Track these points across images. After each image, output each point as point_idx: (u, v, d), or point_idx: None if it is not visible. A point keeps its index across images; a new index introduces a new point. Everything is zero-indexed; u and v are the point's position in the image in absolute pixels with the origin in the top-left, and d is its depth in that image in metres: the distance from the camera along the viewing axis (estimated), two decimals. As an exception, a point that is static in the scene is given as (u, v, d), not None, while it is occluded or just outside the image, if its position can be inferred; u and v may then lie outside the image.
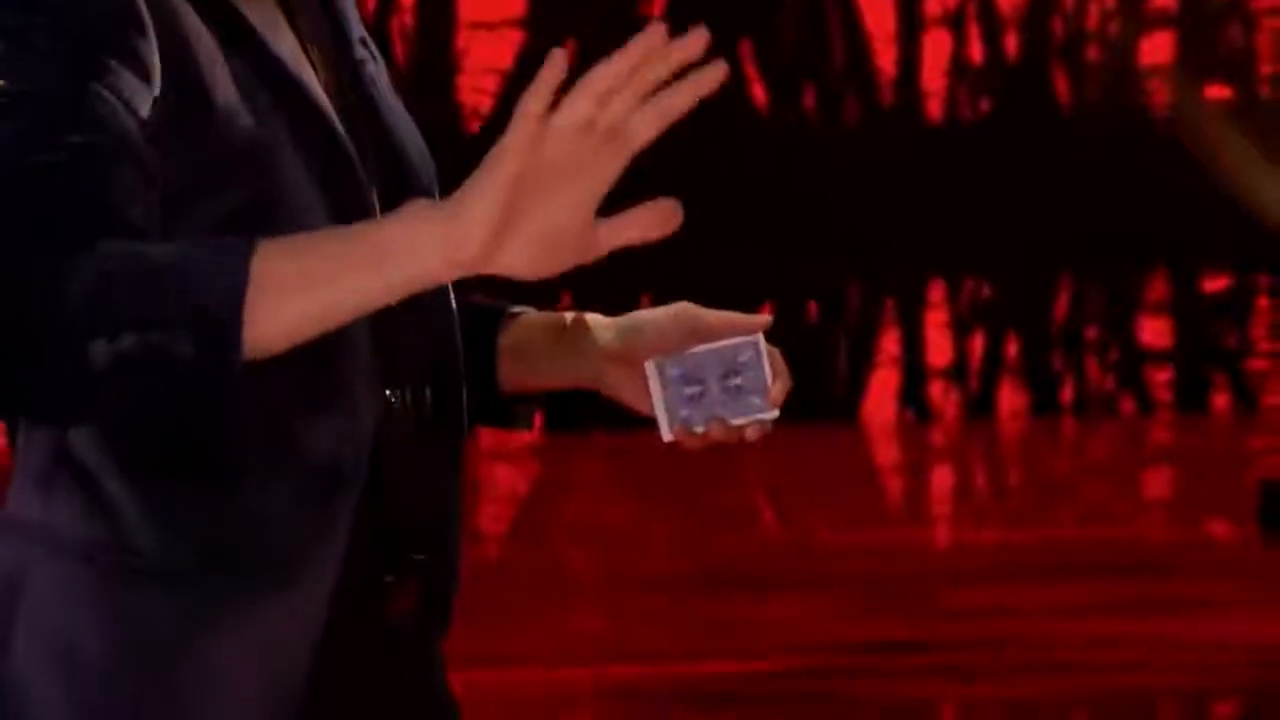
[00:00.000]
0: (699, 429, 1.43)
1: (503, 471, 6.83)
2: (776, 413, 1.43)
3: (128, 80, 1.28)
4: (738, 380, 1.43)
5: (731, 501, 6.16)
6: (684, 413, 1.43)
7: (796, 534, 5.80)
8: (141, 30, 1.29)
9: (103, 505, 1.34)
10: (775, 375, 1.44)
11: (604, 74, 1.26)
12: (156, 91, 1.29)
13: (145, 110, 1.28)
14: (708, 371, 1.43)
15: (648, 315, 1.47)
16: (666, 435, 1.43)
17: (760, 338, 1.43)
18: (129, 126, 1.27)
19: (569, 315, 1.53)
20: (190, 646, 1.34)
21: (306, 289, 1.21)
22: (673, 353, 1.45)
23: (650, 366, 1.44)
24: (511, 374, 1.52)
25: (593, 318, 1.51)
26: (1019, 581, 5.07)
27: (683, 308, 1.46)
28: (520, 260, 1.24)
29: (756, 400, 1.42)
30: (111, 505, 1.34)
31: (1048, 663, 4.40)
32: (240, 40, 1.34)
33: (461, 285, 1.54)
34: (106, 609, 1.34)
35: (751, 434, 1.44)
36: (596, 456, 6.88)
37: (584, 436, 7.00)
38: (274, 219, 1.31)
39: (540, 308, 1.55)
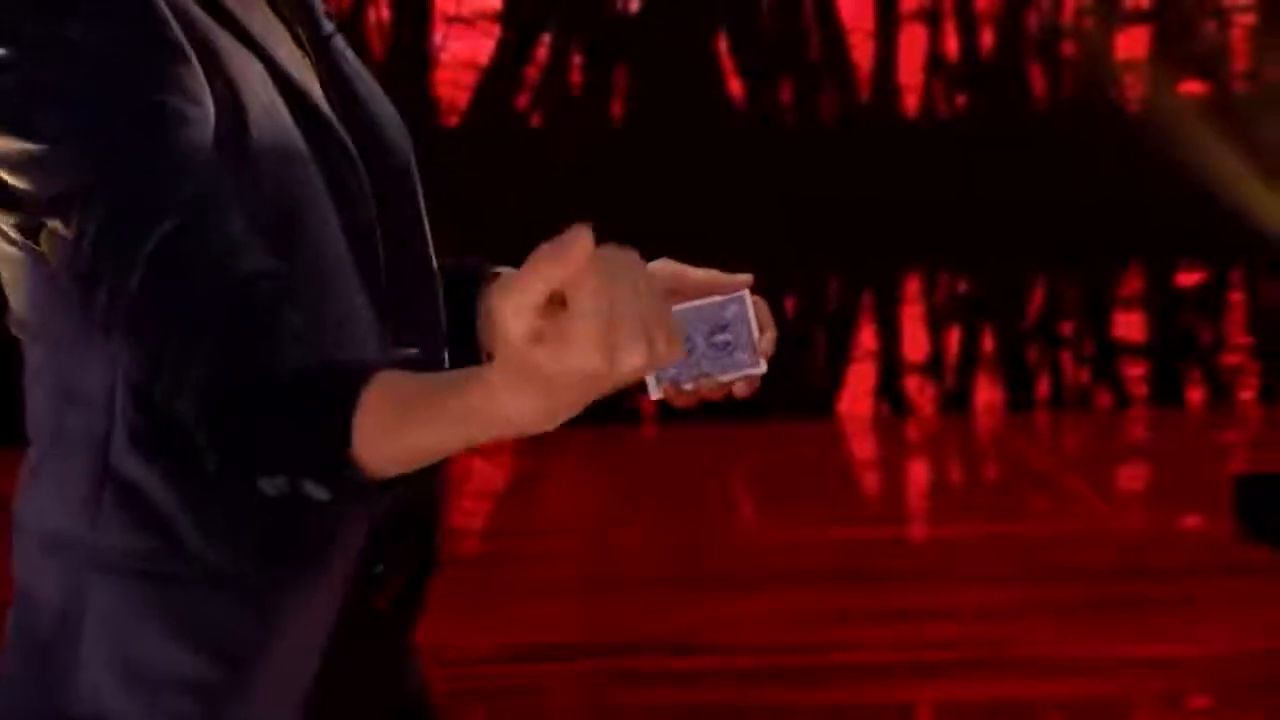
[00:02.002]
0: (687, 386, 1.42)
1: (480, 465, 6.83)
2: (765, 367, 1.42)
3: (191, 112, 1.27)
4: (725, 336, 1.41)
5: (709, 495, 6.16)
6: (671, 371, 1.41)
7: (774, 528, 5.81)
8: (186, 59, 1.29)
9: (154, 517, 1.33)
10: (762, 328, 1.43)
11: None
12: (212, 116, 1.29)
13: (210, 135, 1.28)
14: (695, 328, 1.41)
15: None
16: (654, 393, 1.42)
17: (746, 293, 1.42)
18: (208, 157, 1.26)
19: None
20: (258, 644, 1.34)
21: (417, 431, 1.20)
22: None
23: None
24: (492, 335, 1.51)
25: None
26: (993, 578, 5.08)
27: (663, 264, 1.44)
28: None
29: (744, 356, 1.41)
30: (162, 516, 1.33)
31: (1021, 659, 4.41)
32: (248, 46, 1.34)
33: (458, 237, 1.54)
34: (175, 619, 1.33)
35: (740, 389, 1.43)
36: (574, 450, 6.88)
37: (561, 430, 6.99)
38: (296, 229, 1.32)
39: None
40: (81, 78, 1.26)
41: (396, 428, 1.19)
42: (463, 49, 7.09)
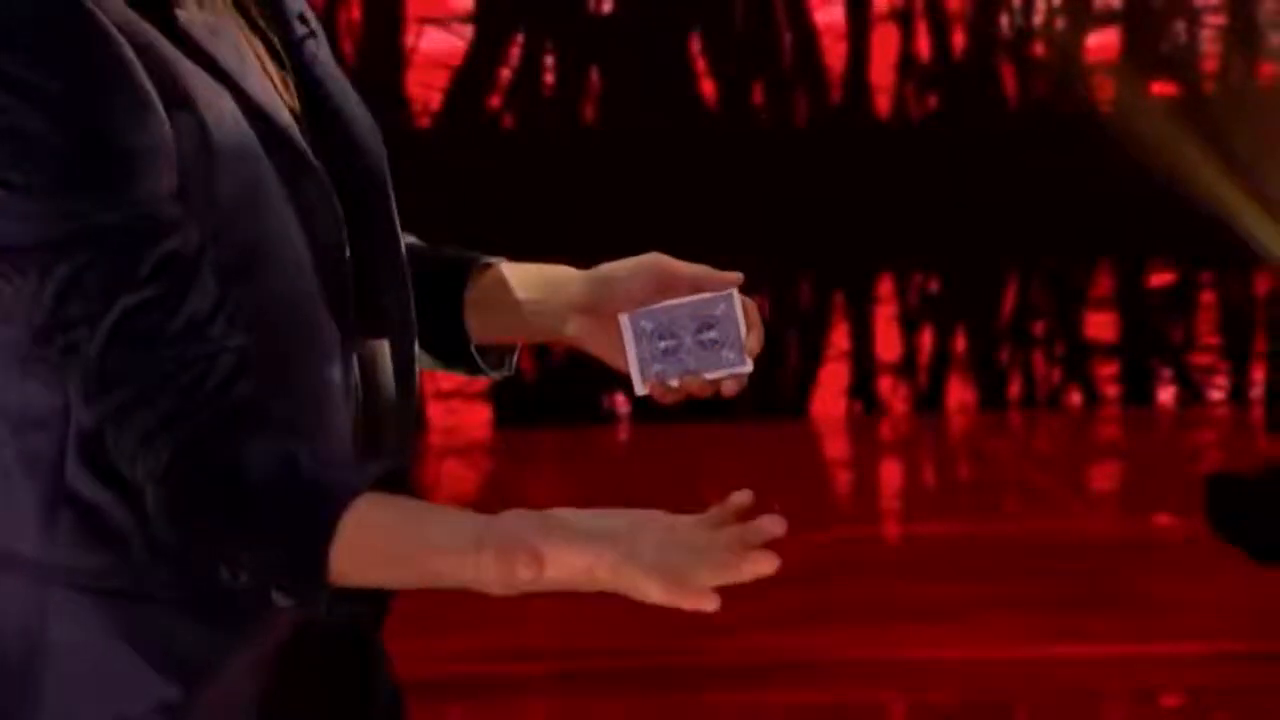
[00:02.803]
0: (673, 383, 1.42)
1: (452, 467, 6.82)
2: (751, 366, 1.42)
3: (157, 164, 1.28)
4: (712, 334, 1.41)
5: (681, 496, 6.16)
6: (657, 367, 1.41)
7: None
8: (149, 104, 1.29)
9: (109, 536, 1.34)
10: (750, 327, 1.42)
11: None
12: (174, 171, 1.30)
13: (174, 184, 1.29)
14: (682, 325, 1.41)
15: (618, 266, 1.46)
16: (640, 389, 1.42)
17: (735, 291, 1.42)
18: (174, 214, 1.27)
19: (540, 267, 1.52)
20: (213, 661, 1.35)
21: (388, 571, 1.27)
22: (643, 305, 1.43)
23: (624, 320, 1.42)
24: (482, 326, 1.51)
25: (564, 269, 1.50)
26: (964, 576, 5.09)
27: (654, 259, 1.45)
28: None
29: (731, 354, 1.41)
30: (116, 535, 1.34)
31: (991, 658, 4.42)
32: (217, 79, 1.34)
33: (430, 238, 1.55)
34: (130, 637, 1.33)
35: (728, 388, 1.43)
36: (546, 453, 6.87)
37: (534, 433, 7.00)
38: (264, 264, 1.32)
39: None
40: (46, 127, 1.26)
41: (369, 567, 1.25)
42: (435, 50, 7.09)
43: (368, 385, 1.40)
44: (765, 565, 1.25)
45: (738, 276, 1.44)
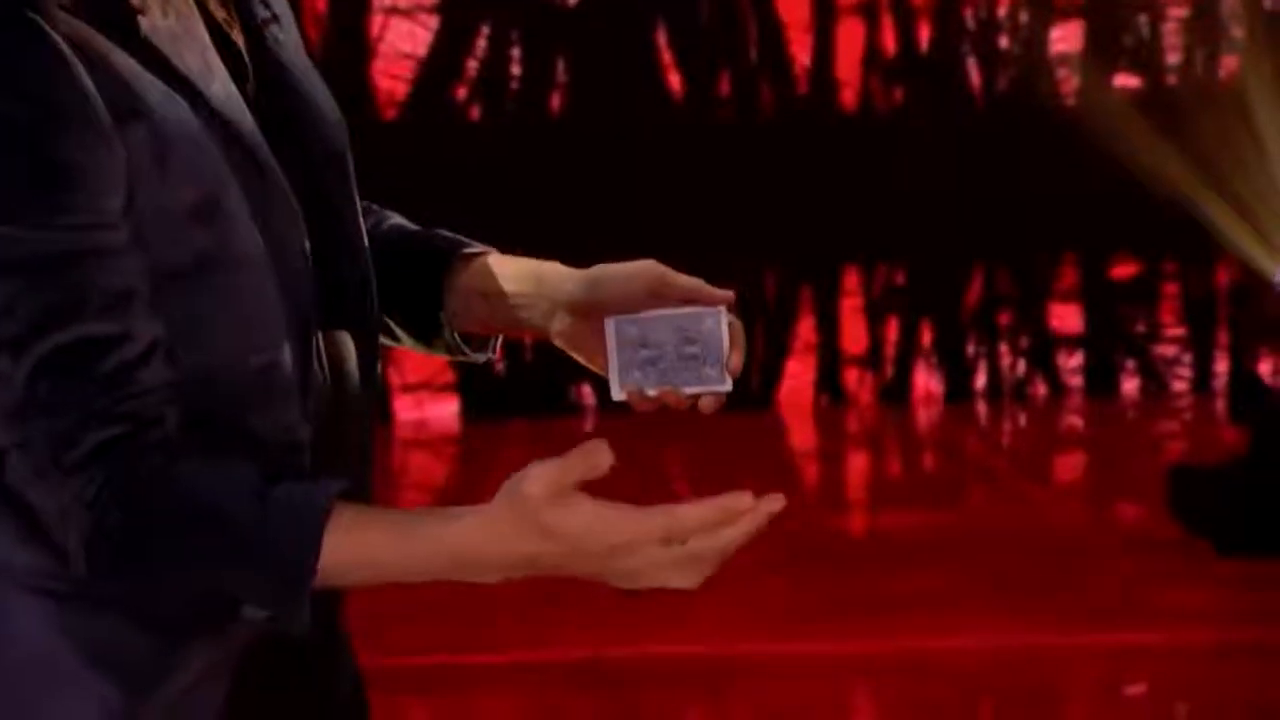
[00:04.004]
0: (650, 392, 1.41)
1: (421, 459, 6.82)
2: (730, 385, 1.42)
3: (97, 192, 1.27)
4: (695, 349, 1.41)
5: (650, 488, 6.17)
6: (636, 374, 1.41)
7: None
8: (92, 126, 1.28)
9: (50, 538, 1.33)
10: (733, 347, 1.43)
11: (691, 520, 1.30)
12: (123, 187, 1.29)
13: (119, 205, 1.29)
14: (666, 336, 1.41)
15: (614, 268, 1.46)
16: (616, 393, 1.42)
17: (723, 310, 1.42)
18: (114, 252, 1.27)
19: (531, 261, 1.52)
20: (161, 666, 1.34)
21: (373, 574, 1.29)
22: (634, 310, 1.43)
23: (610, 323, 1.42)
24: (464, 313, 1.51)
25: (556, 266, 1.50)
26: (929, 567, 5.11)
27: (651, 265, 1.45)
28: None
29: (712, 371, 1.41)
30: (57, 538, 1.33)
31: (958, 648, 4.44)
32: (177, 86, 1.33)
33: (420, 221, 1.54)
34: (76, 638, 1.33)
35: (706, 405, 1.44)
36: (516, 444, 6.87)
37: (503, 424, 7.00)
38: (219, 273, 1.33)
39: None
40: None
41: (344, 580, 1.28)
42: (400, 40, 7.07)
43: (335, 377, 1.40)
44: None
45: (729, 295, 1.44)
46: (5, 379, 1.27)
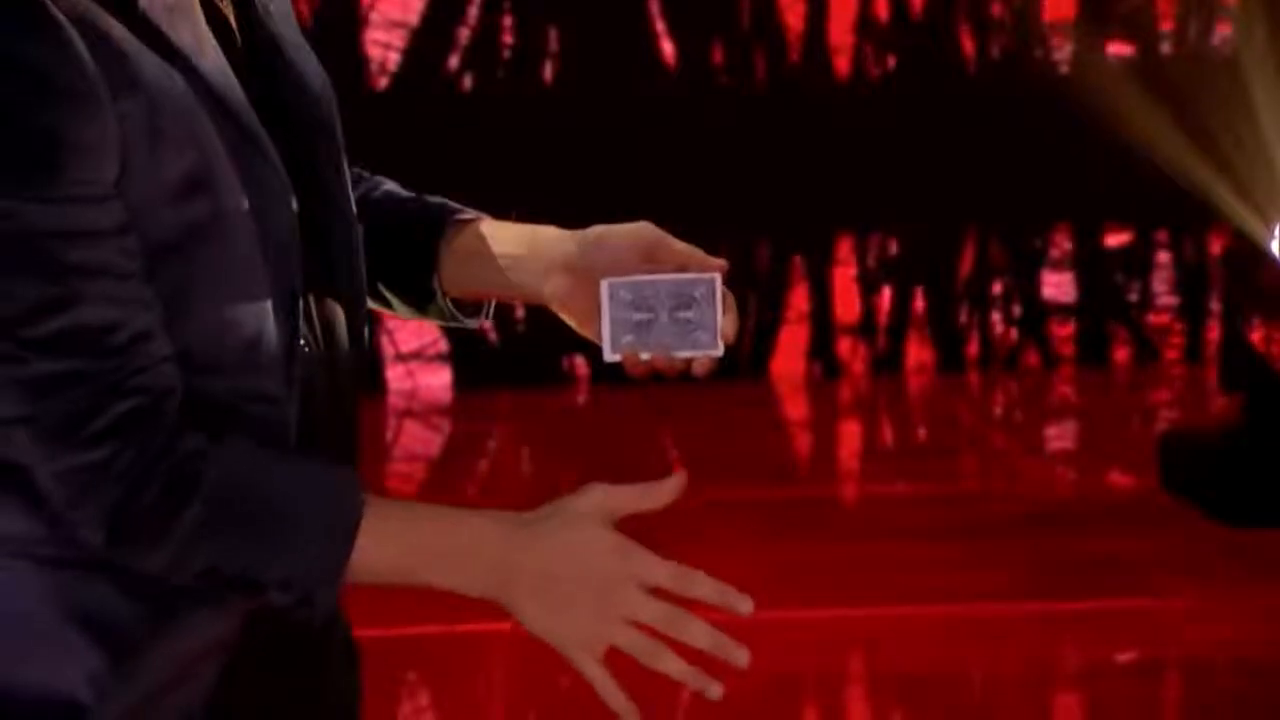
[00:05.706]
0: (644, 356, 1.42)
1: (411, 430, 6.82)
2: (722, 350, 1.43)
3: (92, 167, 1.28)
4: (689, 313, 1.42)
5: (641, 459, 6.18)
6: (629, 337, 1.42)
7: (707, 489, 5.84)
8: (91, 101, 1.29)
9: (41, 504, 1.33)
10: (725, 313, 1.44)
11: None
12: (117, 161, 1.30)
13: (114, 178, 1.30)
14: (660, 300, 1.42)
15: (609, 230, 1.46)
16: (609, 355, 1.43)
17: (718, 276, 1.43)
18: (107, 224, 1.29)
19: (526, 226, 1.53)
20: (146, 636, 1.34)
21: (392, 577, 1.38)
22: (627, 272, 1.44)
23: (604, 285, 1.43)
24: (457, 277, 1.51)
25: (551, 229, 1.51)
26: (922, 536, 5.12)
27: (647, 228, 1.45)
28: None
29: (704, 336, 1.42)
30: (48, 504, 1.33)
31: (953, 617, 4.45)
32: (171, 60, 1.34)
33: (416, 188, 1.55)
34: (64, 604, 1.33)
35: (698, 369, 1.45)
36: (506, 413, 6.88)
37: (495, 395, 7.00)
38: (210, 244, 1.34)
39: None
40: None
41: (375, 565, 1.35)
42: (392, 9, 7.05)
43: (324, 345, 1.41)
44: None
45: (723, 264, 1.45)
46: (7, 357, 1.27)
